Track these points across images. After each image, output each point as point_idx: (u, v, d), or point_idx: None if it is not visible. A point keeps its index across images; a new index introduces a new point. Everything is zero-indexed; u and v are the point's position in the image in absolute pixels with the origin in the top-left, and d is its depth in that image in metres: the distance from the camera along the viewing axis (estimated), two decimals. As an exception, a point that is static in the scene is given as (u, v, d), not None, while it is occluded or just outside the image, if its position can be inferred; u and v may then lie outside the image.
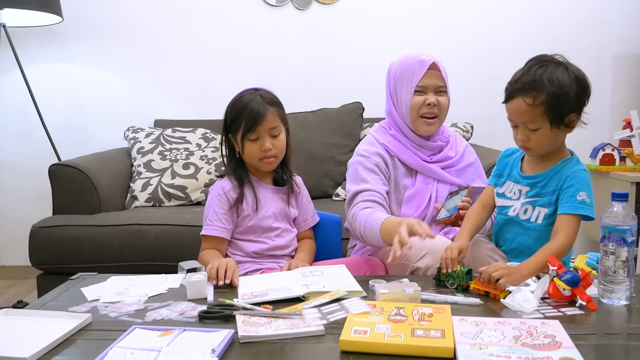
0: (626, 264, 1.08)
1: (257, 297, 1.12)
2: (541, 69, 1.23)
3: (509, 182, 1.37)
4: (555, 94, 1.20)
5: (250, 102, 1.46)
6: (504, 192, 1.38)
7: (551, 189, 1.28)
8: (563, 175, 1.27)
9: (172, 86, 2.94)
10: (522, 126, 1.26)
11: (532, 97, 1.22)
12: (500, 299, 1.11)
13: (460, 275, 1.20)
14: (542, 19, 2.88)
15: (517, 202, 1.34)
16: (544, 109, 1.22)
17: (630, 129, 2.58)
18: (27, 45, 2.85)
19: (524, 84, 1.23)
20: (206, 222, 1.49)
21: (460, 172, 1.64)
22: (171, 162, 2.48)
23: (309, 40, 2.91)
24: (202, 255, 1.47)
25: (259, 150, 1.47)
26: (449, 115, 1.59)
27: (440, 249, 1.37)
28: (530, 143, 1.27)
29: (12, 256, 2.96)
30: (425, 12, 2.89)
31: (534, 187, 1.31)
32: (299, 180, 1.64)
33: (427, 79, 1.53)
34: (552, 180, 1.29)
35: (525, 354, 0.85)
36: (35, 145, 2.87)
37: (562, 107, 1.22)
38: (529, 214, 1.31)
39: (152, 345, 0.91)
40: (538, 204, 1.30)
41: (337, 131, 2.63)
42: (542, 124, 1.23)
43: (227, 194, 1.49)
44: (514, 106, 1.26)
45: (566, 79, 1.22)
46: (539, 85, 1.21)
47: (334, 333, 0.95)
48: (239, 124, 1.46)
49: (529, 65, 1.27)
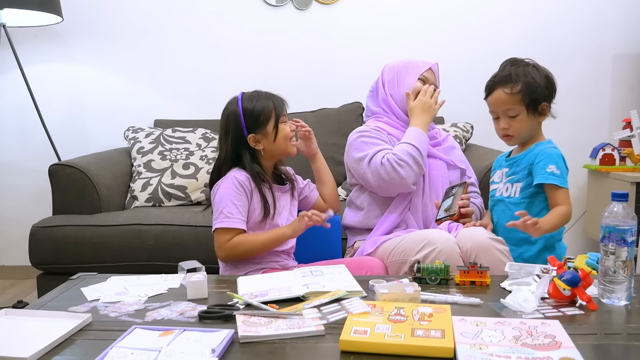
0: (626, 264, 1.08)
1: (257, 297, 1.12)
2: (514, 67, 1.50)
3: (497, 170, 1.61)
4: (529, 83, 1.46)
5: (265, 95, 1.55)
6: (493, 179, 1.62)
7: (523, 166, 1.51)
8: (534, 153, 1.49)
9: (172, 86, 2.94)
10: (502, 115, 1.50)
11: (510, 87, 1.47)
12: (487, 284, 1.21)
13: (444, 270, 1.23)
14: (542, 19, 2.88)
15: (500, 183, 1.57)
16: (520, 96, 1.47)
17: (630, 129, 2.58)
18: (27, 45, 2.85)
19: (502, 77, 1.49)
20: (223, 214, 1.45)
21: (447, 150, 1.77)
22: (171, 162, 2.48)
23: (309, 40, 2.91)
24: (248, 242, 1.45)
25: (289, 132, 1.56)
26: (448, 115, 1.63)
27: (438, 241, 1.41)
28: (511, 130, 1.50)
29: (12, 256, 2.96)
30: (425, 12, 2.89)
31: (511, 167, 1.54)
32: (291, 171, 1.69)
33: (427, 74, 1.72)
34: (525, 158, 1.51)
35: (525, 354, 0.85)
36: (35, 145, 2.87)
37: (535, 94, 1.46)
38: (510, 191, 1.53)
39: (152, 345, 0.91)
40: (514, 181, 1.52)
41: (337, 131, 2.63)
42: (520, 110, 1.48)
43: (243, 185, 1.48)
44: (495, 97, 1.50)
45: (536, 73, 1.49)
46: (515, 77, 1.47)
47: (334, 333, 0.95)
48: (267, 115, 1.51)
49: (504, 65, 1.53)
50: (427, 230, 1.55)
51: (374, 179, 1.59)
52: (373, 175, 1.59)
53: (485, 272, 1.22)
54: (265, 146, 1.53)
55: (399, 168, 1.56)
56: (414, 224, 1.64)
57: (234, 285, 1.23)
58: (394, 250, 1.51)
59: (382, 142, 1.65)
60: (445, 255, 1.39)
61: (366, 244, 1.62)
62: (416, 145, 1.59)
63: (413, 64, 1.72)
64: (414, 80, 1.69)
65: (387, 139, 1.67)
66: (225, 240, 1.45)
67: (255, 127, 1.51)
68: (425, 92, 1.66)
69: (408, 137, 1.62)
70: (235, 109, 1.52)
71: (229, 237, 1.45)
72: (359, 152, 1.65)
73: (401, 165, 1.56)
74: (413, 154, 1.58)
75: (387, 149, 1.63)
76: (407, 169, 1.56)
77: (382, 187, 1.60)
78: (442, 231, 1.50)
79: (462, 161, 1.80)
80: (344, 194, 2.49)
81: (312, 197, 1.71)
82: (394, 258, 1.50)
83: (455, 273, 1.25)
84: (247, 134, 1.52)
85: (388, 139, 1.68)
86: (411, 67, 1.71)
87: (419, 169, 1.59)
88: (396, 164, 1.56)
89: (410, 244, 1.47)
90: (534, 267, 1.25)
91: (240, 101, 1.53)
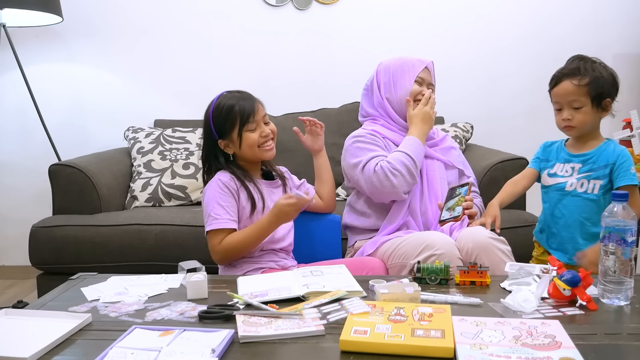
0: (626, 264, 1.08)
1: (257, 297, 1.12)
2: (582, 61, 1.53)
3: (558, 163, 1.60)
4: (596, 77, 1.50)
5: (235, 100, 1.51)
6: (555, 172, 1.60)
7: (603, 164, 1.52)
8: (613, 152, 1.53)
9: (172, 86, 2.94)
10: (567, 106, 1.52)
11: (578, 79, 1.50)
12: (487, 284, 1.21)
13: (444, 270, 1.22)
14: (542, 19, 2.88)
15: (571, 177, 1.56)
16: (587, 89, 1.49)
17: (630, 129, 2.58)
18: (27, 45, 2.85)
19: (571, 69, 1.52)
20: (211, 217, 1.45)
21: (445, 151, 1.76)
22: (171, 162, 2.48)
23: (309, 40, 2.91)
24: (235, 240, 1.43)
25: (259, 137, 1.52)
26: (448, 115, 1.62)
27: (437, 244, 1.41)
28: (574, 121, 1.52)
29: (12, 256, 2.96)
30: (425, 12, 2.89)
31: (586, 163, 1.54)
32: (285, 169, 1.68)
33: (423, 74, 1.69)
34: (602, 156, 1.53)
35: (525, 354, 0.85)
36: (35, 145, 2.87)
37: (601, 89, 1.50)
38: (586, 187, 1.54)
39: (152, 345, 0.91)
40: (592, 177, 1.53)
41: (337, 131, 2.62)
42: (585, 102, 1.50)
43: (227, 185, 1.48)
44: (562, 88, 1.52)
45: (603, 70, 1.53)
46: (583, 71, 1.50)
47: (334, 333, 0.95)
48: (232, 122, 1.49)
49: (572, 59, 1.56)
50: (426, 232, 1.55)
51: (367, 185, 1.60)
52: (366, 183, 1.59)
53: (485, 272, 1.22)
54: (235, 151, 1.54)
55: (392, 177, 1.56)
56: (414, 226, 1.63)
57: (234, 285, 1.23)
58: (394, 253, 1.51)
59: (377, 147, 1.65)
60: (444, 258, 1.39)
61: (366, 245, 1.62)
62: (411, 156, 1.58)
63: (408, 64, 1.69)
64: (411, 83, 1.67)
65: (382, 144, 1.67)
66: (217, 242, 1.45)
67: (223, 132, 1.52)
68: (427, 101, 1.65)
69: (404, 146, 1.61)
70: (208, 111, 1.53)
71: (221, 239, 1.45)
72: (354, 157, 1.64)
73: (394, 174, 1.56)
74: (407, 163, 1.57)
75: (382, 155, 1.62)
76: (399, 179, 1.56)
77: (375, 194, 1.61)
78: (442, 234, 1.50)
79: (460, 162, 1.79)
80: (344, 194, 2.49)
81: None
82: (394, 261, 1.50)
83: (455, 273, 1.25)
84: (217, 137, 1.52)
85: (384, 143, 1.67)
86: (407, 67, 1.69)
87: (412, 179, 1.59)
88: (389, 172, 1.56)
89: (410, 247, 1.47)
90: (534, 267, 1.25)
91: (213, 103, 1.53)
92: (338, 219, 1.74)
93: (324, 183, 1.72)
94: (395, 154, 1.60)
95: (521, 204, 2.18)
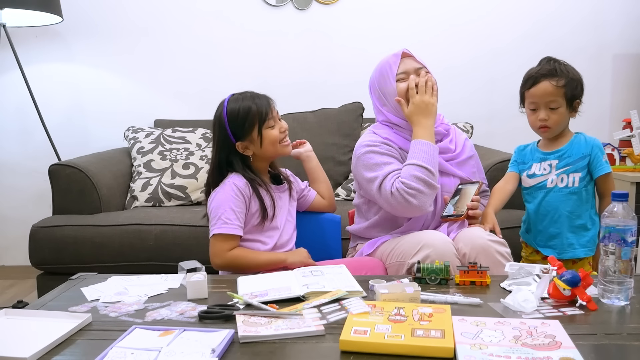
0: (626, 264, 1.08)
1: (257, 297, 1.12)
2: (556, 63, 1.57)
3: (535, 163, 1.63)
4: (571, 79, 1.54)
5: (249, 100, 1.50)
6: (534, 172, 1.62)
7: (579, 156, 1.56)
8: (586, 144, 1.57)
9: (172, 86, 2.94)
10: (544, 107, 1.54)
11: (556, 80, 1.53)
12: (487, 284, 1.21)
13: (444, 270, 1.22)
14: (542, 19, 2.88)
15: (551, 174, 1.59)
16: (564, 90, 1.53)
17: (630, 129, 2.58)
18: (27, 45, 2.85)
19: (548, 70, 1.55)
20: (221, 220, 1.43)
21: (461, 164, 1.66)
22: (171, 162, 2.48)
23: (309, 40, 2.91)
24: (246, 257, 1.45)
25: (279, 134, 1.52)
26: (448, 115, 1.61)
27: (434, 243, 1.40)
28: (550, 122, 1.55)
29: (12, 256, 2.96)
30: (425, 12, 2.89)
31: (562, 158, 1.58)
32: (290, 173, 1.68)
33: (403, 66, 1.60)
34: (575, 149, 1.57)
35: (525, 354, 0.85)
36: (35, 145, 2.87)
37: (575, 90, 1.54)
38: (566, 181, 1.57)
39: (152, 345, 0.91)
40: (571, 171, 1.57)
41: (337, 131, 2.63)
42: (561, 103, 1.54)
43: (242, 191, 1.47)
44: (541, 88, 1.54)
45: (573, 71, 1.57)
46: (559, 72, 1.54)
47: (334, 333, 0.95)
48: (251, 122, 1.48)
49: (546, 60, 1.59)
50: (423, 232, 1.52)
51: (387, 206, 1.53)
52: (386, 203, 1.52)
53: (485, 272, 1.22)
54: (255, 151, 1.52)
55: (410, 198, 1.46)
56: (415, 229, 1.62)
57: (234, 285, 1.23)
58: (392, 252, 1.51)
59: (393, 159, 1.56)
60: (441, 257, 1.38)
61: (365, 245, 1.62)
62: (424, 165, 1.47)
63: (385, 67, 1.60)
64: (393, 85, 1.57)
65: (398, 155, 1.58)
66: (224, 248, 1.44)
67: (241, 134, 1.49)
68: (414, 89, 1.54)
69: (413, 155, 1.50)
70: (221, 116, 1.50)
71: (228, 245, 1.44)
72: (369, 171, 1.55)
73: (412, 194, 1.46)
74: (422, 177, 1.46)
75: (398, 170, 1.52)
76: (419, 197, 1.46)
77: (397, 213, 1.54)
78: (439, 233, 1.50)
79: (475, 172, 1.69)
80: (344, 194, 2.49)
81: (310, 197, 1.71)
82: (392, 260, 1.50)
83: (455, 273, 1.25)
84: (235, 141, 1.50)
85: (400, 154, 1.58)
86: (385, 71, 1.60)
87: (431, 190, 1.48)
88: (406, 194, 1.46)
89: (407, 246, 1.46)
90: (533, 267, 1.25)
91: (225, 107, 1.51)
92: (338, 219, 1.74)
93: (322, 183, 1.73)
94: (407, 168, 1.49)
95: (521, 204, 2.17)
